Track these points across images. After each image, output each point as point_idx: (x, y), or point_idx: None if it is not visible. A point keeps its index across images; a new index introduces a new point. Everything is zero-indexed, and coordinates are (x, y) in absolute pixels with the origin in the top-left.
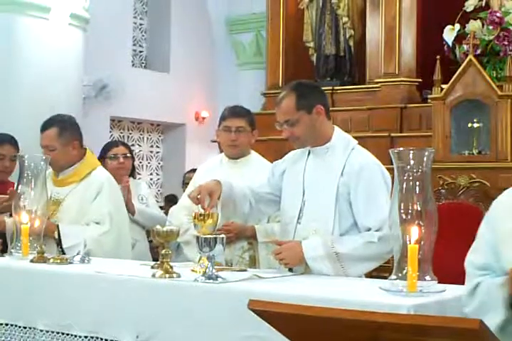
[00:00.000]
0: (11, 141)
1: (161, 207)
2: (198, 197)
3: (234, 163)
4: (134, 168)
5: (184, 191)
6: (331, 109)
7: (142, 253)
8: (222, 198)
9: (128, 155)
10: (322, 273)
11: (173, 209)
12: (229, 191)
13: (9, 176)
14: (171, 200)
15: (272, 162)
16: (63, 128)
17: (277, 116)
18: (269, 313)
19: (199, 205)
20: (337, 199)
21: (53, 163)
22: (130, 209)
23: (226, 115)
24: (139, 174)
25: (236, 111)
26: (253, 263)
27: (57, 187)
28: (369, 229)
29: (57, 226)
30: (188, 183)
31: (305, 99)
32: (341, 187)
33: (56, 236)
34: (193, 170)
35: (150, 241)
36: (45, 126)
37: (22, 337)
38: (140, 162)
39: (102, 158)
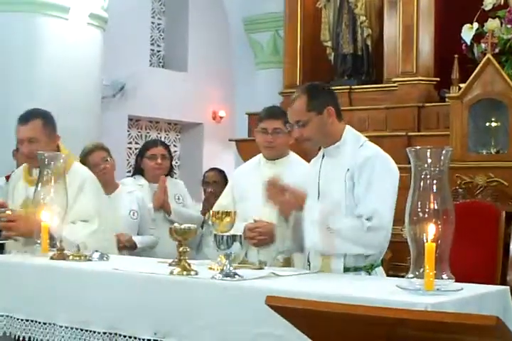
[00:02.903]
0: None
1: None
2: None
3: (272, 163)
4: (171, 167)
5: (204, 190)
6: (348, 108)
7: None
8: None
9: (166, 155)
10: (310, 238)
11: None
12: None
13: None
14: None
15: None
16: (48, 120)
17: (289, 117)
18: (287, 309)
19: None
20: (346, 195)
21: (34, 158)
22: (166, 210)
23: (263, 116)
24: None
25: (272, 113)
26: (287, 264)
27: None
28: (360, 217)
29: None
30: (208, 182)
31: (316, 100)
32: (348, 181)
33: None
34: (213, 169)
35: None
36: (28, 118)
37: (42, 332)
38: None
39: (141, 157)
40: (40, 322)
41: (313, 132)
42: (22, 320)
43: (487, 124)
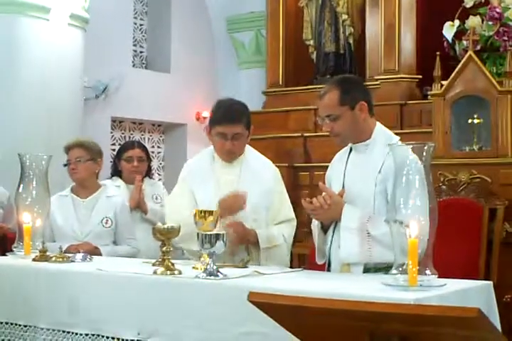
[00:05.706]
0: None
1: None
2: None
3: (228, 165)
4: (150, 168)
5: None
6: None
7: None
8: None
9: (143, 158)
10: (347, 248)
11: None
12: None
13: None
14: None
15: (271, 160)
16: None
17: (319, 110)
18: (269, 305)
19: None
20: (375, 198)
21: None
22: (142, 209)
23: (220, 119)
24: None
25: (232, 117)
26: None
27: None
28: (401, 223)
29: None
30: None
31: (349, 94)
32: (379, 185)
33: None
34: None
35: None
36: None
37: (22, 335)
38: None
39: (118, 158)
40: (20, 325)
41: (345, 127)
42: (1, 323)
43: (469, 121)
